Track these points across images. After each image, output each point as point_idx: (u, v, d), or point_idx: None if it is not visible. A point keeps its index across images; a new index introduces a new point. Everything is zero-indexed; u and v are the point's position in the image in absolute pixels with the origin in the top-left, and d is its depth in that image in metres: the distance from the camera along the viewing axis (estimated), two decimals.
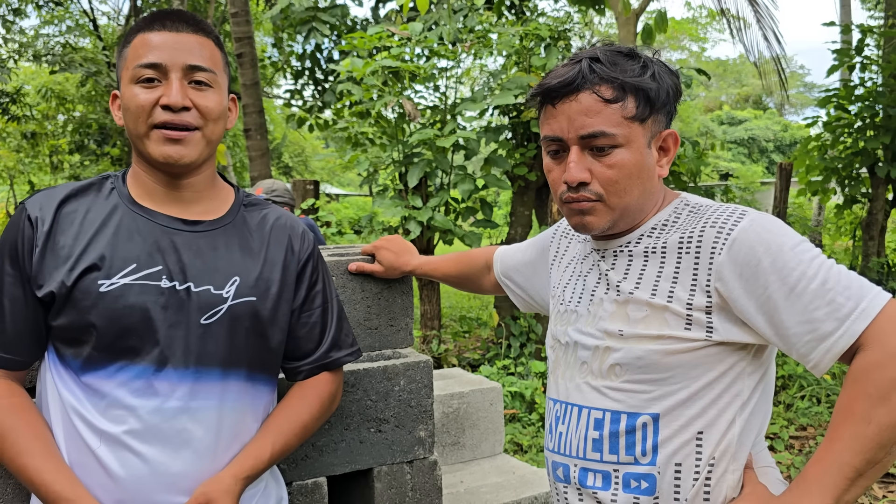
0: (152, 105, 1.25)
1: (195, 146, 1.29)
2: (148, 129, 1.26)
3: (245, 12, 8.11)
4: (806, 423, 4.90)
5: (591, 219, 1.26)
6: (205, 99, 1.28)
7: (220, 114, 1.32)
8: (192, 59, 1.26)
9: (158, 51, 1.25)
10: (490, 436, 2.70)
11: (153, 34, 1.26)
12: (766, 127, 33.84)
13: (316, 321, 1.45)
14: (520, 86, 5.47)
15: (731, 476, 1.20)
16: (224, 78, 1.34)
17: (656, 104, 1.24)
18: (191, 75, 1.26)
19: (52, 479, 1.19)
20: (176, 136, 1.26)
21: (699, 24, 33.75)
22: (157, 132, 1.26)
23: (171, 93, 1.24)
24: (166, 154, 1.27)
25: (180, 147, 1.27)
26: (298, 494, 1.72)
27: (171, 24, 1.27)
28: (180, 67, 1.25)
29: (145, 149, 1.28)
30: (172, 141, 1.26)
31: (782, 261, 1.12)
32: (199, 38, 1.29)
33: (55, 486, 1.18)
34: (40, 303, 1.25)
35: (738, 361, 1.20)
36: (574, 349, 1.32)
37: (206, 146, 1.31)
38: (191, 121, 1.26)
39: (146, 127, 1.26)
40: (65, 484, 1.19)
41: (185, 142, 1.27)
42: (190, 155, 1.28)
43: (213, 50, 1.31)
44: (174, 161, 1.27)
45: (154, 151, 1.27)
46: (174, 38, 1.26)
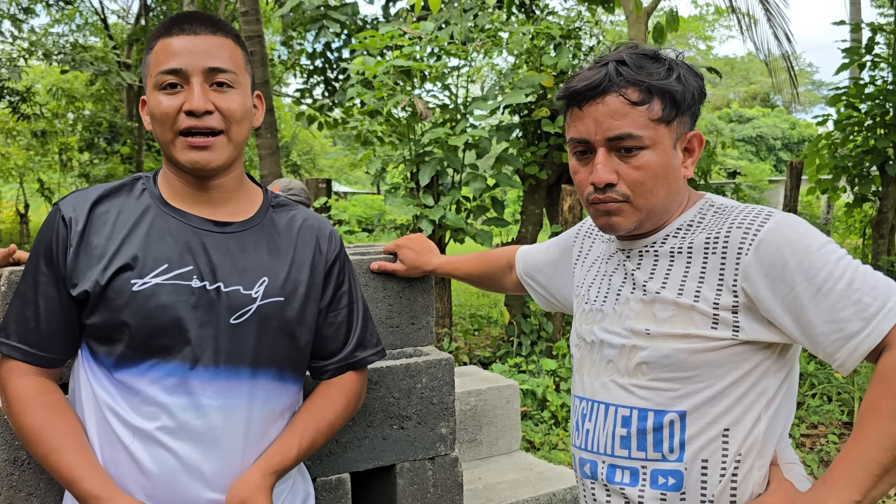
0: (176, 111, 1.26)
1: (221, 150, 1.30)
2: (174, 136, 1.28)
3: (255, 11, 8.13)
4: (817, 422, 4.90)
5: (617, 219, 1.28)
6: (227, 101, 1.28)
7: (244, 114, 1.32)
8: (211, 61, 1.27)
9: (178, 56, 1.25)
10: (507, 433, 2.72)
11: (173, 39, 1.27)
12: (774, 125, 33.74)
13: (342, 321, 1.47)
14: (530, 85, 5.49)
15: (757, 472, 1.22)
16: (246, 77, 1.34)
17: (682, 106, 1.25)
18: (212, 77, 1.27)
19: (84, 476, 1.21)
20: (201, 142, 1.27)
21: (706, 21, 33.65)
22: (183, 140, 1.27)
23: (193, 98, 1.25)
24: (193, 160, 1.29)
25: (206, 153, 1.28)
26: (322, 490, 1.74)
27: (189, 27, 1.28)
28: (200, 71, 1.26)
29: (173, 155, 1.30)
30: (199, 148, 1.28)
31: (809, 261, 1.14)
32: (218, 39, 1.29)
33: (86, 482, 1.20)
34: (74, 301, 1.27)
35: (764, 360, 1.21)
36: (600, 348, 1.34)
37: (233, 149, 1.32)
38: (214, 124, 1.27)
39: (172, 134, 1.28)
40: (96, 481, 1.21)
41: (211, 147, 1.28)
42: (217, 159, 1.30)
43: (233, 50, 1.31)
44: (202, 167, 1.29)
45: (181, 158, 1.29)
46: (193, 41, 1.26)
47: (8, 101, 12.18)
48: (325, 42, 9.66)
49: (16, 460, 1.45)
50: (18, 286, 1.31)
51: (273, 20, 14.93)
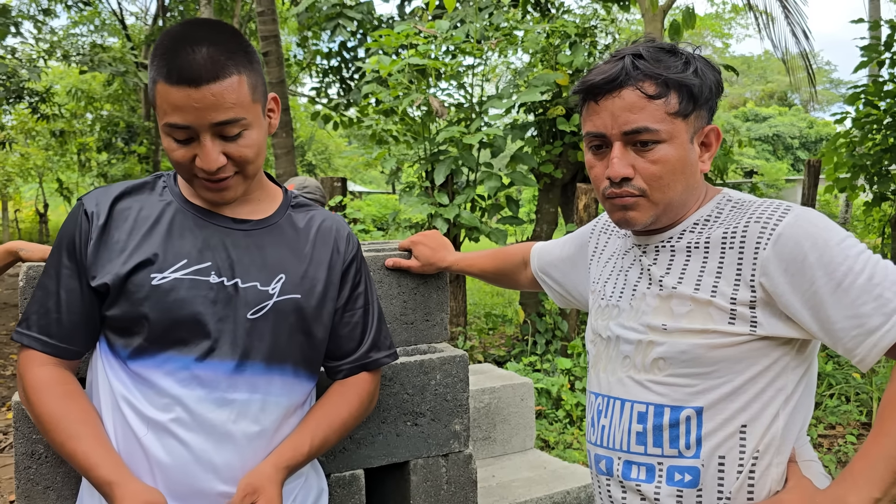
0: (189, 161, 1.26)
1: (238, 188, 1.31)
2: (191, 177, 1.29)
3: (271, 11, 8.17)
4: (835, 422, 4.85)
5: (633, 214, 1.27)
6: (239, 147, 1.26)
7: (258, 152, 1.30)
8: (218, 115, 1.21)
9: (182, 112, 1.20)
10: (521, 431, 2.72)
11: (174, 90, 1.19)
12: (791, 124, 33.46)
13: (358, 321, 1.48)
14: (546, 83, 5.47)
15: (775, 469, 1.21)
16: (256, 107, 1.28)
17: (699, 100, 1.24)
18: (220, 130, 1.24)
19: (99, 463, 1.22)
20: (217, 187, 1.29)
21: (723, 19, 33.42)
22: (200, 182, 1.29)
23: (205, 159, 1.24)
24: (211, 199, 1.32)
25: (224, 192, 1.30)
26: (336, 486, 1.74)
27: (188, 73, 1.18)
28: (208, 127, 1.22)
29: (193, 187, 1.32)
30: (213, 190, 1.29)
31: (829, 256, 1.12)
32: (221, 84, 1.20)
33: (101, 469, 1.22)
34: (95, 294, 1.29)
35: (783, 356, 1.20)
36: (616, 343, 1.33)
37: (250, 181, 1.33)
38: (229, 174, 1.28)
39: (189, 175, 1.29)
40: (111, 467, 1.22)
41: (227, 188, 1.30)
42: (233, 196, 1.32)
43: (238, 86, 1.23)
44: (218, 203, 1.33)
45: (200, 194, 1.32)
46: (195, 93, 1.19)
47: (28, 101, 12.30)
48: (341, 41, 9.69)
49: (33, 454, 1.46)
50: (40, 278, 1.33)
51: (289, 20, 14.99)
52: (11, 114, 16.85)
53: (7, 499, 3.84)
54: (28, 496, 1.46)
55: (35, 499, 1.46)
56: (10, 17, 9.83)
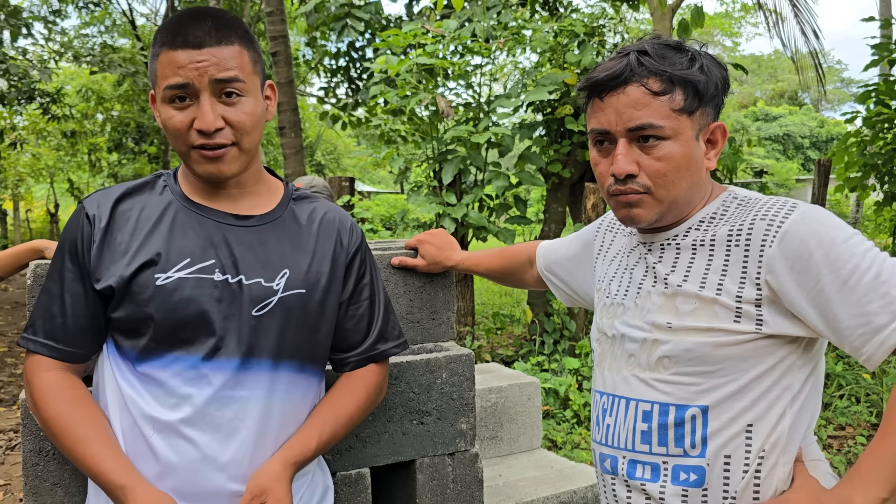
0: (187, 127, 1.26)
1: (234, 161, 1.31)
2: (188, 149, 1.29)
3: (280, 11, 8.19)
4: (845, 423, 4.82)
5: (638, 211, 1.26)
6: (237, 112, 1.27)
7: (255, 123, 1.31)
8: (218, 72, 1.24)
9: (184, 70, 1.23)
10: (528, 430, 2.71)
11: (177, 52, 1.24)
12: (801, 123, 33.29)
13: (363, 313, 1.48)
14: (554, 82, 5.46)
15: (781, 469, 1.20)
16: (255, 79, 1.32)
17: (705, 97, 1.23)
18: (220, 88, 1.26)
19: (109, 467, 1.22)
20: (213, 155, 1.28)
21: (732, 18, 33.27)
22: (197, 152, 1.28)
23: (203, 117, 1.24)
24: (208, 171, 1.30)
25: (220, 164, 1.29)
26: (342, 484, 1.74)
27: (193, 38, 1.24)
28: (208, 85, 1.24)
29: (189, 164, 1.32)
30: (212, 159, 1.29)
31: (835, 253, 1.12)
32: (223, 49, 1.25)
33: (112, 473, 1.21)
34: (99, 296, 1.29)
35: (789, 354, 1.19)
36: (621, 342, 1.33)
37: (246, 156, 1.33)
38: (225, 140, 1.27)
39: (186, 147, 1.28)
40: (121, 472, 1.22)
41: (223, 159, 1.29)
42: (230, 169, 1.31)
43: (239, 55, 1.28)
44: (216, 177, 1.31)
45: (197, 169, 1.30)
46: (198, 54, 1.24)
47: (39, 102, 12.39)
48: (349, 41, 9.70)
49: (41, 451, 1.47)
50: (44, 283, 1.33)
51: (298, 20, 15.02)
52: (23, 114, 16.96)
53: (17, 496, 3.86)
54: (36, 493, 1.47)
55: (43, 495, 1.47)
56: (22, 19, 9.90)
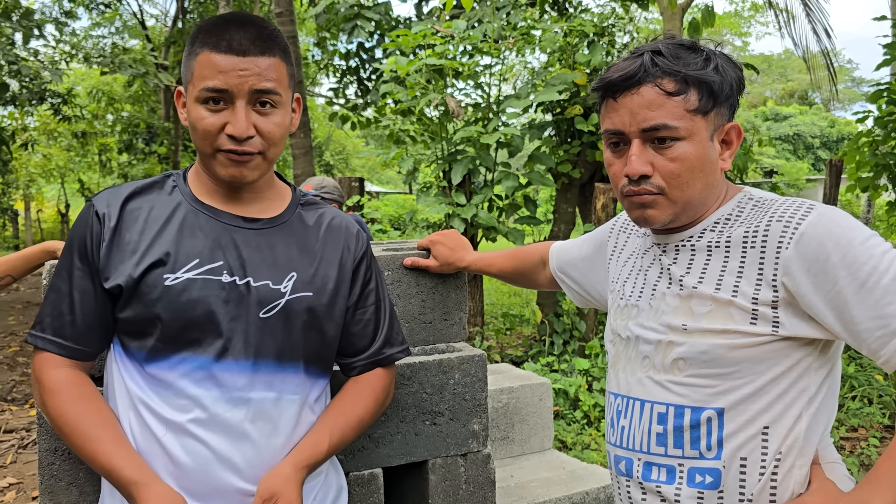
0: (218, 130, 1.27)
1: (257, 168, 1.32)
2: (214, 152, 1.29)
3: (289, 12, 8.20)
4: (857, 425, 4.80)
5: (652, 212, 1.26)
6: (268, 123, 1.29)
7: (283, 135, 1.33)
8: (259, 83, 1.26)
9: (224, 76, 1.24)
10: (539, 431, 2.71)
11: (220, 56, 1.24)
12: (812, 123, 33.13)
13: (370, 318, 1.49)
14: (563, 82, 5.45)
15: (798, 471, 1.19)
16: (289, 93, 1.34)
17: (719, 97, 1.23)
18: (256, 98, 1.27)
19: (122, 465, 1.22)
20: (240, 160, 1.29)
21: (742, 18, 33.12)
22: (223, 155, 1.29)
23: (237, 123, 1.25)
24: (231, 175, 1.31)
25: (243, 169, 1.30)
26: (355, 485, 1.74)
27: (237, 44, 1.25)
28: (246, 94, 1.25)
29: (211, 166, 1.32)
30: (236, 163, 1.29)
31: (853, 255, 1.11)
32: (265, 60, 1.27)
33: (125, 470, 1.22)
34: (108, 295, 1.29)
35: (805, 356, 1.18)
36: (635, 343, 1.32)
37: (268, 165, 1.35)
38: (253, 149, 1.28)
39: (212, 149, 1.29)
40: (134, 468, 1.22)
41: (248, 165, 1.30)
42: (252, 175, 1.32)
43: (279, 68, 1.29)
44: (238, 181, 1.32)
45: (220, 172, 1.31)
46: (241, 62, 1.24)
47: (50, 103, 12.46)
48: (358, 42, 9.71)
49: (56, 450, 1.48)
50: (53, 281, 1.34)
51: (307, 21, 15.05)
52: (34, 115, 17.06)
53: (30, 494, 3.88)
54: (51, 492, 1.48)
55: (58, 494, 1.48)
56: (34, 20, 9.96)
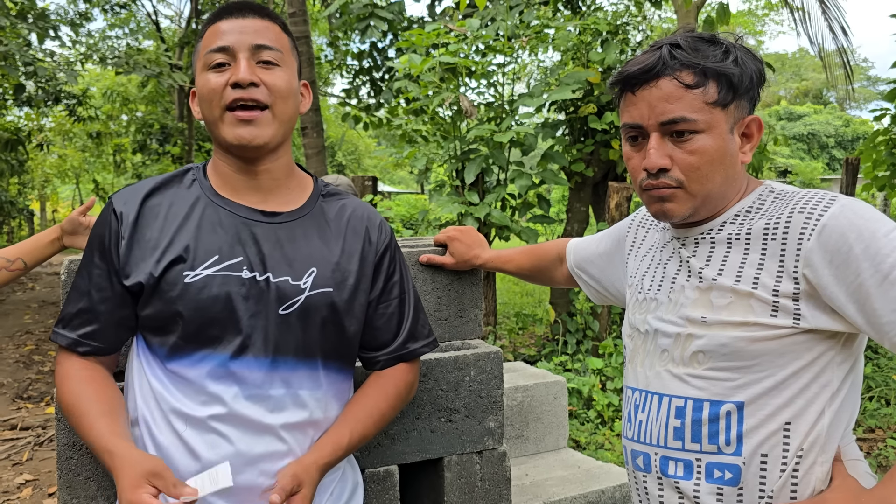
0: (223, 87, 1.28)
1: (267, 126, 1.31)
2: (221, 112, 1.29)
3: (302, 12, 8.22)
4: (874, 425, 4.75)
5: (671, 206, 1.24)
6: (272, 76, 1.30)
7: (290, 92, 1.34)
8: (258, 38, 1.30)
9: (226, 35, 1.30)
10: (554, 429, 2.70)
11: (222, 23, 1.32)
12: (826, 122, 32.89)
13: (393, 312, 1.47)
14: (577, 81, 5.43)
15: (819, 468, 1.18)
16: (292, 60, 1.37)
17: (739, 89, 1.22)
18: (258, 55, 1.30)
19: (101, 434, 1.22)
20: (247, 116, 1.28)
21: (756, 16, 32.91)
22: (230, 115, 1.29)
23: (239, 70, 1.28)
24: (239, 136, 1.29)
25: (252, 128, 1.29)
26: (371, 481, 1.74)
27: (238, 12, 1.32)
28: (247, 48, 1.29)
29: (220, 133, 1.31)
30: (245, 122, 1.29)
31: (876, 247, 1.09)
32: (265, 22, 1.33)
33: (102, 440, 1.21)
34: (128, 293, 1.30)
35: (828, 350, 1.17)
36: (654, 337, 1.31)
37: (279, 126, 1.33)
38: (260, 97, 1.28)
39: (219, 110, 1.29)
40: (109, 437, 1.21)
41: (256, 122, 1.29)
42: (263, 135, 1.30)
43: (279, 33, 1.35)
44: (248, 142, 1.30)
45: (228, 135, 1.30)
46: (241, 22, 1.31)
47: (65, 104, 12.55)
48: (371, 42, 9.72)
49: (74, 444, 1.49)
50: (74, 279, 1.35)
51: (320, 21, 15.09)
52: (49, 116, 17.20)
53: (46, 491, 3.91)
54: (70, 486, 1.48)
55: (76, 489, 1.49)
56: (49, 21, 10.03)
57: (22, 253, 2.02)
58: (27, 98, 11.57)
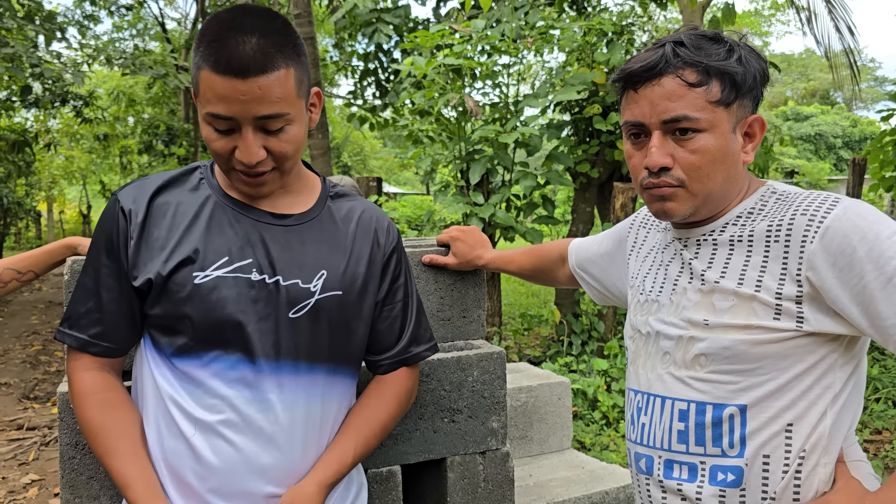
0: (229, 153, 1.24)
1: (274, 182, 1.30)
2: (228, 169, 1.28)
3: (308, 13, 8.23)
4: (881, 427, 4.73)
5: (672, 205, 1.24)
6: (279, 143, 1.24)
7: (298, 146, 1.28)
8: (262, 109, 1.19)
9: (226, 103, 1.18)
10: (558, 430, 2.69)
11: (220, 80, 1.17)
12: (833, 122, 32.78)
13: (397, 315, 1.46)
14: (582, 81, 5.42)
15: (822, 470, 1.17)
16: (300, 102, 1.26)
17: (742, 88, 1.21)
18: (263, 124, 1.22)
19: (129, 484, 1.22)
20: (254, 181, 1.28)
21: (762, 17, 32.82)
22: (238, 174, 1.27)
23: (245, 151, 1.22)
24: (247, 192, 1.30)
25: (260, 188, 1.29)
26: (373, 482, 1.74)
27: (237, 63, 1.16)
28: (251, 120, 1.20)
29: (229, 180, 1.31)
30: (251, 184, 1.28)
31: (879, 249, 1.08)
32: (267, 80, 1.18)
33: (130, 491, 1.22)
34: (136, 292, 1.28)
35: (830, 353, 1.16)
36: (656, 339, 1.31)
37: (286, 175, 1.32)
38: (266, 169, 1.26)
39: (226, 167, 1.27)
40: (141, 490, 1.22)
41: (263, 184, 1.29)
42: (269, 190, 1.31)
43: (285, 80, 1.20)
44: (254, 197, 1.32)
45: (236, 186, 1.31)
46: (241, 85, 1.17)
47: (72, 105, 12.60)
48: (377, 43, 9.73)
49: (77, 444, 1.49)
50: (80, 278, 1.33)
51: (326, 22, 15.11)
52: (56, 117, 17.27)
53: (51, 491, 3.92)
54: (72, 486, 1.48)
55: (79, 488, 1.49)
56: (56, 23, 10.08)
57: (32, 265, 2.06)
58: (34, 99, 11.62)
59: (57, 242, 2.09)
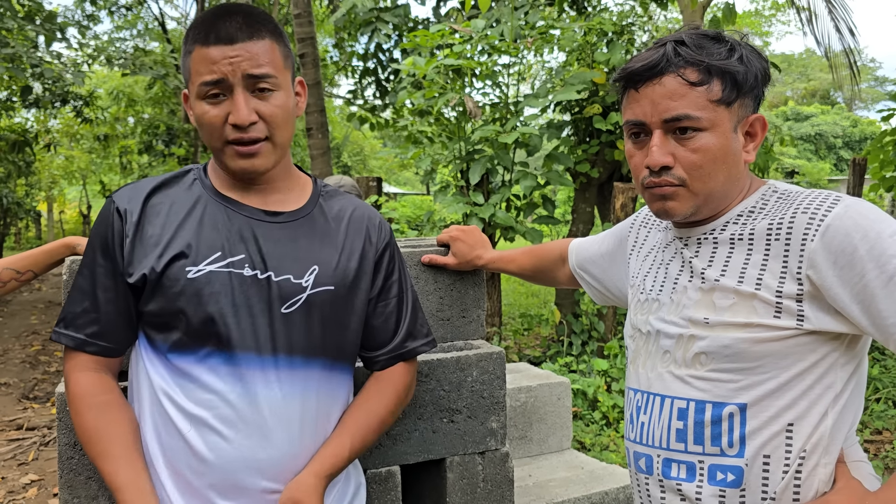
0: (222, 122, 1.27)
1: (268, 156, 1.31)
2: (222, 145, 1.29)
3: (308, 13, 8.23)
4: (881, 427, 4.72)
5: (673, 204, 1.24)
6: (269, 106, 1.28)
7: (287, 116, 1.32)
8: (251, 68, 1.25)
9: (217, 66, 1.25)
10: (558, 430, 2.69)
11: (210, 49, 1.25)
12: (834, 122, 32.79)
13: (392, 311, 1.47)
14: (582, 81, 5.42)
15: (822, 470, 1.17)
16: (286, 74, 1.33)
17: (743, 88, 1.21)
18: (253, 84, 1.26)
19: (121, 487, 1.23)
20: (248, 150, 1.29)
21: (763, 17, 32.82)
22: (231, 148, 1.29)
23: (237, 111, 1.25)
24: (241, 167, 1.31)
25: (254, 160, 1.30)
26: (372, 482, 1.74)
27: (225, 33, 1.25)
28: (241, 79, 1.25)
29: (222, 160, 1.32)
30: (246, 155, 1.29)
31: (880, 248, 1.08)
32: (255, 44, 1.27)
33: (122, 494, 1.23)
34: (132, 290, 1.29)
35: (831, 352, 1.16)
36: (656, 338, 1.30)
37: (280, 151, 1.34)
38: (259, 134, 1.28)
39: (220, 143, 1.29)
40: (133, 494, 1.22)
41: (257, 154, 1.30)
42: (264, 164, 1.32)
43: (271, 50, 1.29)
44: (249, 172, 1.32)
45: (231, 165, 1.31)
46: (230, 49, 1.25)
47: (72, 105, 12.60)
48: (377, 43, 9.73)
49: (75, 444, 1.48)
50: (76, 278, 1.34)
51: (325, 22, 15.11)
52: (56, 117, 17.27)
53: (51, 491, 3.92)
54: (71, 486, 1.48)
55: (77, 488, 1.49)
56: (56, 24, 10.08)
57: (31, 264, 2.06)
58: (34, 99, 11.62)
59: (56, 242, 2.09)
